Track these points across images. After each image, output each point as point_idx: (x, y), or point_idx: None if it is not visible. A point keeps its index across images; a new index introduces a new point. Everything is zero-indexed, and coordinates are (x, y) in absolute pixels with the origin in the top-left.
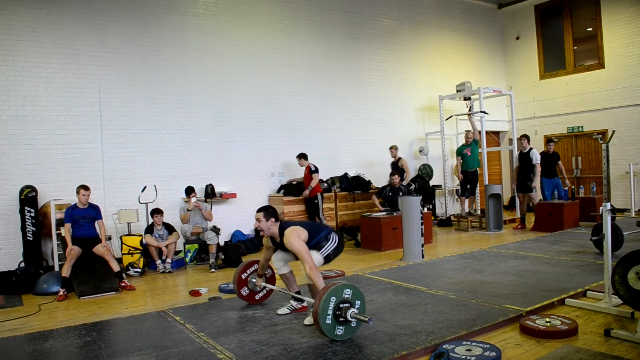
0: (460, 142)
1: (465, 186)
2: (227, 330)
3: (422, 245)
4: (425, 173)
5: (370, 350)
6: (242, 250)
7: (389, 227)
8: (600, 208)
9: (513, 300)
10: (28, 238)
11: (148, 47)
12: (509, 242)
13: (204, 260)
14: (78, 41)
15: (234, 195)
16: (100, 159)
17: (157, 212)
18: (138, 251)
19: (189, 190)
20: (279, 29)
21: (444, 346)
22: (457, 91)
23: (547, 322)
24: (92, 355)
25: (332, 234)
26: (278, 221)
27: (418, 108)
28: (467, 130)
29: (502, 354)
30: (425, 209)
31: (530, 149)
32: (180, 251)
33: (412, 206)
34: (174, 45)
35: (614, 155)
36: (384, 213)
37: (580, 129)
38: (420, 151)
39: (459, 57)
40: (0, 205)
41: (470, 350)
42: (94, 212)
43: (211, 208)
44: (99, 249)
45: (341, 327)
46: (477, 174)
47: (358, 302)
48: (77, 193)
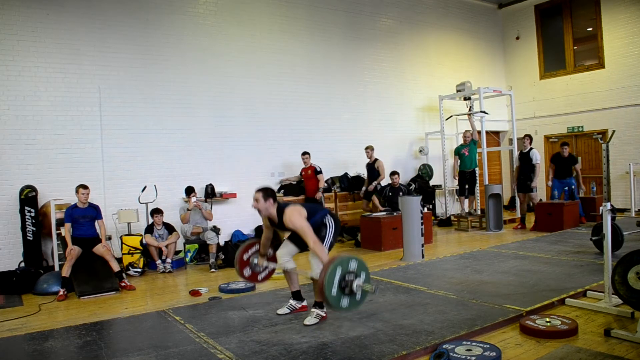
0: (460, 142)
1: (464, 186)
2: (227, 330)
3: (422, 245)
4: (425, 173)
5: (370, 350)
6: None
7: (389, 227)
8: (601, 208)
9: (513, 300)
10: (28, 238)
11: (148, 47)
12: (509, 242)
13: (204, 260)
14: (78, 41)
15: (234, 195)
16: (100, 159)
17: (157, 212)
18: (138, 251)
19: (189, 190)
20: (279, 28)
21: (444, 346)
22: (457, 91)
23: (547, 322)
24: (92, 355)
25: (328, 216)
26: (276, 202)
27: (418, 108)
28: (466, 130)
29: (502, 354)
30: (425, 208)
31: (531, 148)
32: (180, 251)
33: (412, 206)
34: (174, 45)
35: (614, 155)
36: (384, 213)
37: (580, 129)
38: (420, 151)
39: (459, 57)
40: (0, 205)
41: (470, 350)
42: (94, 211)
43: (211, 208)
44: (99, 248)
45: (346, 299)
46: (474, 174)
47: (363, 273)
48: (77, 192)
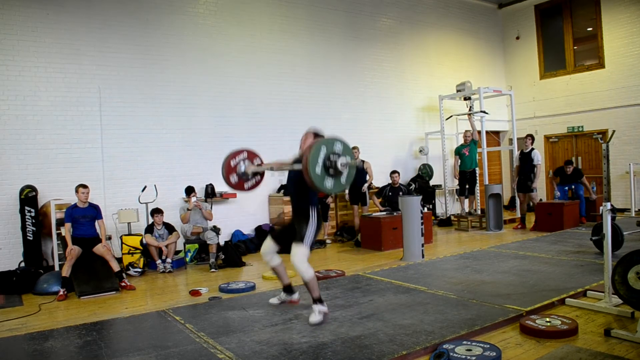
0: (460, 142)
1: (464, 186)
2: (227, 330)
3: (422, 245)
4: (425, 173)
5: (370, 350)
6: (242, 250)
7: (389, 227)
8: (601, 208)
9: (513, 300)
10: (28, 238)
11: (148, 47)
12: (509, 242)
13: (204, 260)
14: (78, 41)
15: (234, 195)
16: (100, 159)
17: (157, 211)
18: (138, 251)
19: (189, 190)
20: (279, 28)
21: (444, 346)
22: (457, 91)
23: (547, 322)
24: (92, 355)
25: (316, 208)
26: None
27: (418, 108)
28: (466, 130)
29: (502, 353)
30: (426, 208)
31: (532, 149)
32: (180, 251)
33: (412, 206)
34: (174, 45)
35: (614, 155)
36: (384, 213)
37: (580, 129)
38: (420, 151)
39: (459, 57)
40: (0, 205)
41: (470, 350)
42: (94, 211)
43: (211, 208)
44: (99, 248)
45: (331, 179)
46: (475, 173)
47: (348, 157)
48: (77, 192)
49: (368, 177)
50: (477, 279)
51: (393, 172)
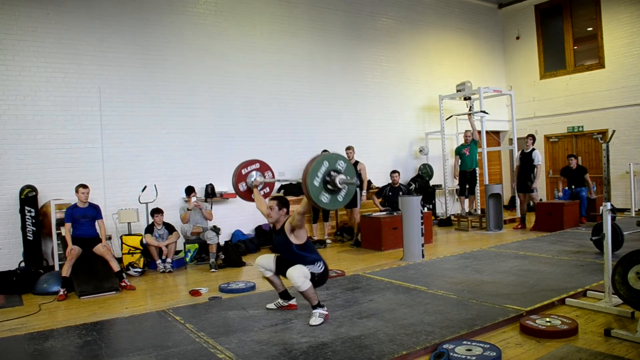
0: (461, 142)
1: (464, 186)
2: (227, 330)
3: (422, 245)
4: (425, 173)
5: (370, 350)
6: (242, 250)
7: (389, 227)
8: (601, 208)
9: (513, 300)
10: (28, 238)
11: (148, 47)
12: (509, 241)
13: (204, 260)
14: (78, 41)
15: (234, 195)
16: (100, 159)
17: (157, 211)
18: (138, 251)
19: (189, 190)
20: (279, 28)
21: (444, 346)
22: (457, 91)
23: (547, 321)
24: (92, 355)
25: (321, 261)
26: (287, 215)
27: (418, 108)
28: (466, 130)
29: (502, 353)
30: (426, 208)
31: (533, 149)
32: (180, 251)
33: (412, 206)
34: (174, 45)
35: (614, 155)
36: (384, 213)
37: (580, 129)
38: (421, 151)
39: (459, 57)
40: (0, 205)
41: (470, 350)
42: (94, 211)
43: (211, 208)
44: (99, 248)
45: (327, 195)
46: (475, 173)
47: (348, 176)
48: (77, 192)
49: (362, 179)
50: (477, 278)
51: (393, 172)
